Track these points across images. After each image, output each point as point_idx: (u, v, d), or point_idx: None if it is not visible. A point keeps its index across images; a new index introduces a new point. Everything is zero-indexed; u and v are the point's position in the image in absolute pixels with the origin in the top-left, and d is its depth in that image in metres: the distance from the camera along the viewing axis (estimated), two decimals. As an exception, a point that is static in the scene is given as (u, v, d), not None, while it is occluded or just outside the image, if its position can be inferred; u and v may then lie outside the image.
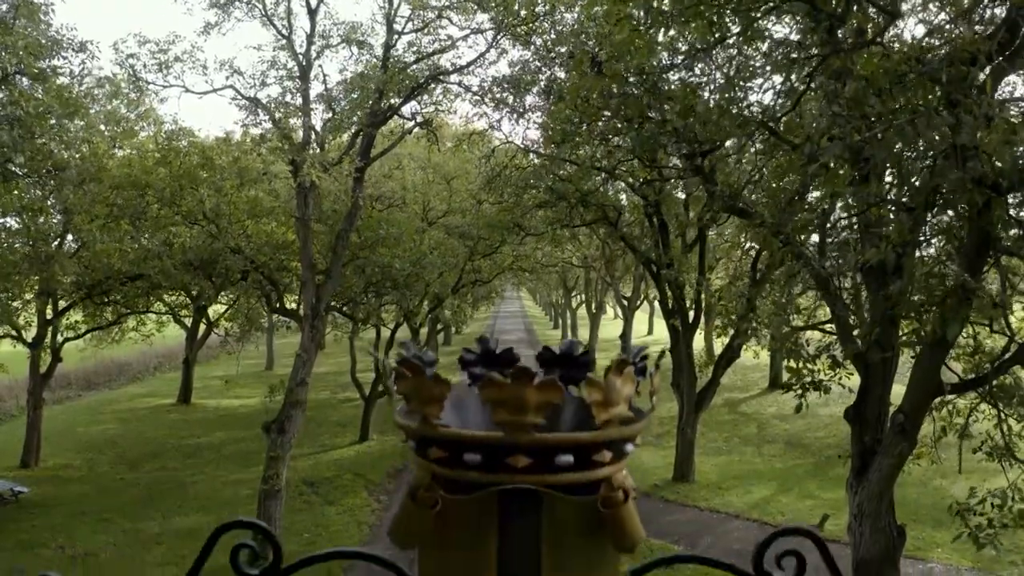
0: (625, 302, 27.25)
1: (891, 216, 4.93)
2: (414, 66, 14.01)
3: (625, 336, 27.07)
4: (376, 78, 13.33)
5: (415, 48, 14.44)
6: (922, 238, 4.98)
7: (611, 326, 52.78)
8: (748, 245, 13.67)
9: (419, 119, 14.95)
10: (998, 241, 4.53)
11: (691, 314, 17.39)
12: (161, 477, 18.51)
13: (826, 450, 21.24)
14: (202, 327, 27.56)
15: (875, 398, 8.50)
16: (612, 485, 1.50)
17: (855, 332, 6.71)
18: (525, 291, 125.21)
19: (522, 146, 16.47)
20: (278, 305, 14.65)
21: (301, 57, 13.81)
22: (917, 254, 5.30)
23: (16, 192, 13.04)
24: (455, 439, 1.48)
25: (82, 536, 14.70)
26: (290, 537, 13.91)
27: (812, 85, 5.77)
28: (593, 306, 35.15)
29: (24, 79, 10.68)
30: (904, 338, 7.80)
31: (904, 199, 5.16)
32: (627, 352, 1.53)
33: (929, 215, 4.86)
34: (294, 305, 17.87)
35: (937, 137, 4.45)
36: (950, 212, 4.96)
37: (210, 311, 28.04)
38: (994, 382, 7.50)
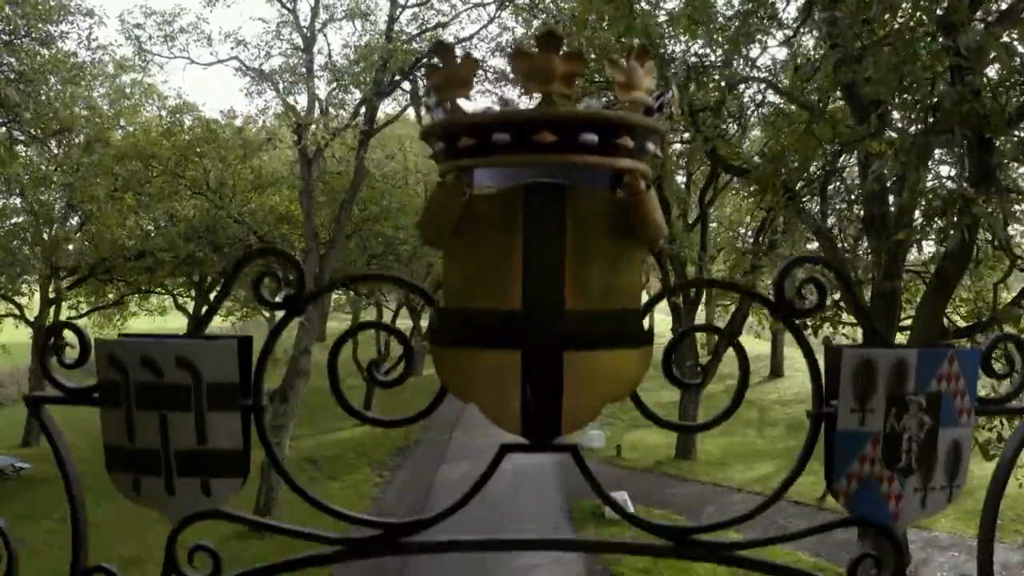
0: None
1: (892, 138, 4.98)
2: (416, 39, 14.08)
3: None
4: (380, 48, 13.39)
5: (419, 21, 14.51)
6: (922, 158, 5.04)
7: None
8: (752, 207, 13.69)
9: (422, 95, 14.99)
10: (997, 153, 4.58)
11: (692, 292, 17.41)
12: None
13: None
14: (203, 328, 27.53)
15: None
16: (635, 174, 1.54)
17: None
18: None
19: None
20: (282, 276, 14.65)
21: (305, 30, 13.88)
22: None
23: (21, 160, 13.08)
24: (485, 121, 1.52)
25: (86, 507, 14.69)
26: (292, 510, 13.91)
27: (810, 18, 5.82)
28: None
29: (32, 43, 10.76)
30: (907, 286, 7.85)
31: (901, 125, 5.22)
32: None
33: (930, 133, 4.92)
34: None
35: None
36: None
37: (211, 297, 28.09)
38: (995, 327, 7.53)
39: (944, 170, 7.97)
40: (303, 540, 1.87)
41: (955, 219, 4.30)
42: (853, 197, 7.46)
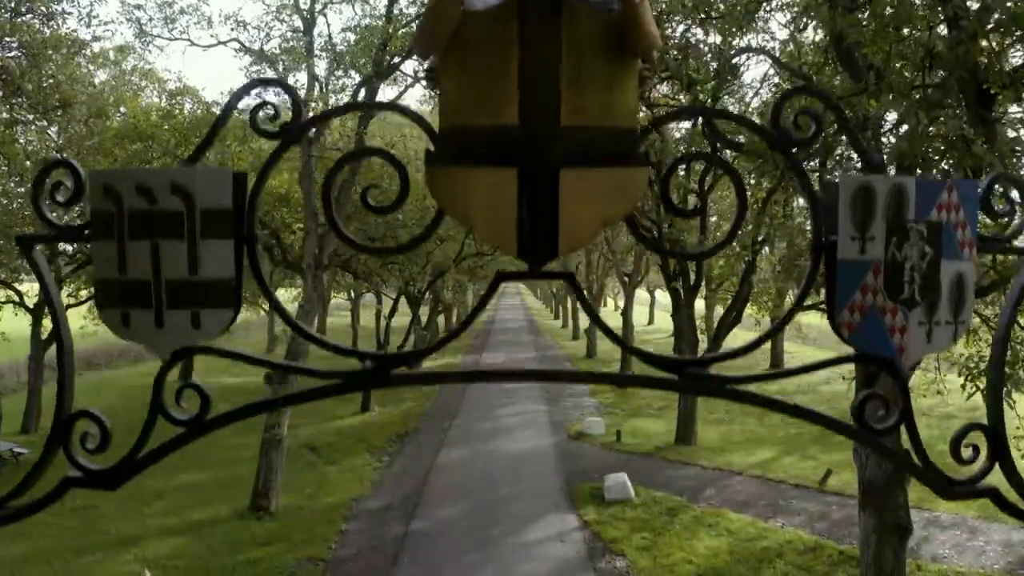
0: (626, 279, 27.29)
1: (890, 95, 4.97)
2: (416, 21, 14.06)
3: (626, 313, 27.06)
4: (380, 29, 13.39)
5: (418, 3, 14.49)
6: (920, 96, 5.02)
7: (611, 318, 52.63)
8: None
9: (421, 74, 14.99)
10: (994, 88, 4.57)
11: (692, 277, 17.38)
12: (162, 442, 18.49)
13: (828, 420, 21.25)
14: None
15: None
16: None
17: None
18: (525, 287, 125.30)
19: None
20: (281, 258, 14.69)
21: (305, 12, 13.87)
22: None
23: (21, 144, 13.07)
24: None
25: (82, 492, 14.65)
26: (291, 492, 13.90)
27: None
28: (594, 289, 35.13)
29: (34, 20, 10.77)
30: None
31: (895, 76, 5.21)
32: None
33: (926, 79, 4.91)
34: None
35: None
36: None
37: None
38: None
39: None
40: (302, 375, 1.85)
41: (957, 162, 4.30)
42: (853, 157, 7.46)
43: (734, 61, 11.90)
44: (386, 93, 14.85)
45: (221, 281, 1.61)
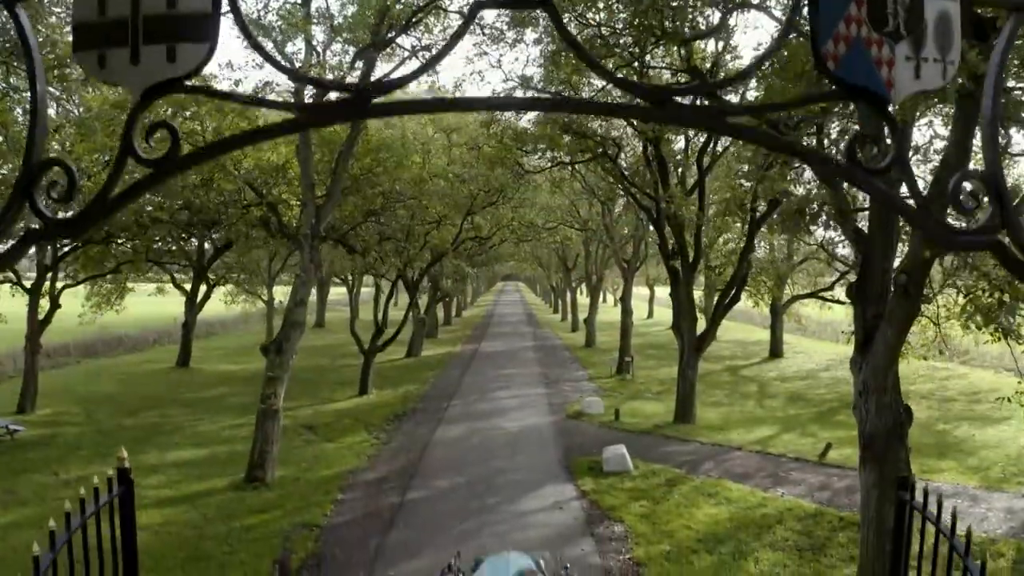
0: (625, 264, 27.20)
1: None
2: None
3: (625, 298, 26.97)
4: (377, 1, 13.31)
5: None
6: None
7: (609, 313, 52.57)
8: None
9: (418, 48, 14.94)
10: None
11: (691, 254, 17.30)
12: (160, 423, 18.38)
13: (828, 403, 21.15)
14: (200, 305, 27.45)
15: (877, 273, 8.42)
16: None
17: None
18: (523, 285, 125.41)
19: (519, 82, 16.42)
20: (277, 229, 14.58)
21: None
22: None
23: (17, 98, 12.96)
24: None
25: (77, 466, 14.56)
26: (287, 466, 13.81)
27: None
28: (593, 278, 35.04)
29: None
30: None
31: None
32: None
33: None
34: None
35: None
36: None
37: (210, 275, 28.00)
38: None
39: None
40: (269, 108, 1.78)
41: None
42: (850, 109, 7.37)
43: None
44: (381, 67, 14.79)
45: (198, 14, 1.60)
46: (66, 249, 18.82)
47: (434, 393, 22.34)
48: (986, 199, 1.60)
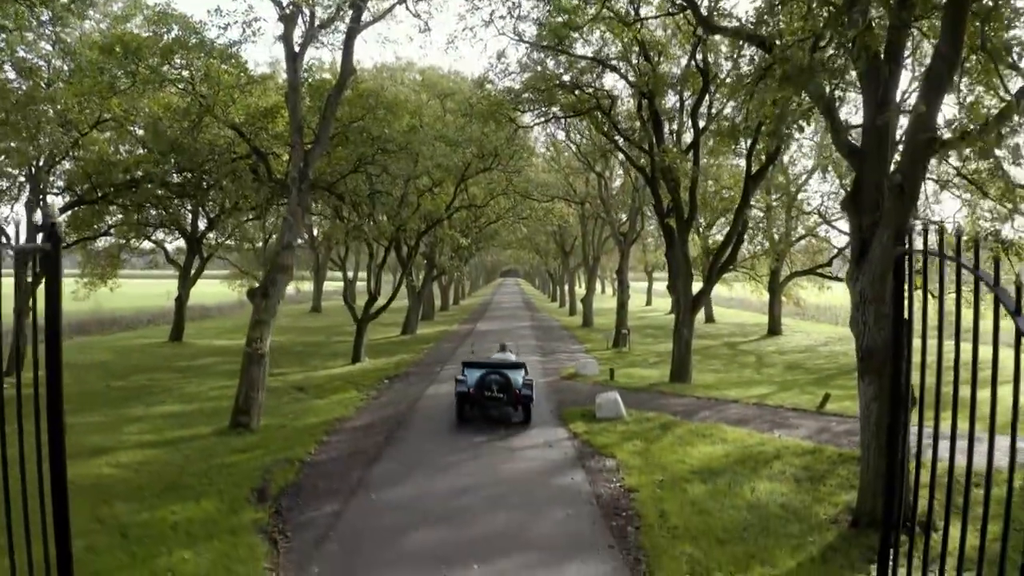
0: (622, 237, 26.92)
1: None
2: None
3: (621, 271, 26.70)
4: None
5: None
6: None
7: (608, 302, 52.34)
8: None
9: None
10: None
11: (686, 211, 17.01)
12: (149, 384, 18.11)
13: (827, 371, 20.87)
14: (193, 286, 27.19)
15: (870, 185, 8.14)
16: None
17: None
18: (523, 281, 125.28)
19: (514, 38, 16.19)
20: (266, 176, 14.33)
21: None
22: None
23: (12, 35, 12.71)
24: None
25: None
26: (274, 416, 13.55)
27: None
28: (591, 260, 34.74)
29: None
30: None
31: None
32: None
33: None
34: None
35: None
36: None
37: (203, 250, 27.74)
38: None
39: None
40: None
41: None
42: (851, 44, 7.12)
43: None
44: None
45: None
46: (60, 208, 18.58)
47: (428, 360, 22.08)
48: None
